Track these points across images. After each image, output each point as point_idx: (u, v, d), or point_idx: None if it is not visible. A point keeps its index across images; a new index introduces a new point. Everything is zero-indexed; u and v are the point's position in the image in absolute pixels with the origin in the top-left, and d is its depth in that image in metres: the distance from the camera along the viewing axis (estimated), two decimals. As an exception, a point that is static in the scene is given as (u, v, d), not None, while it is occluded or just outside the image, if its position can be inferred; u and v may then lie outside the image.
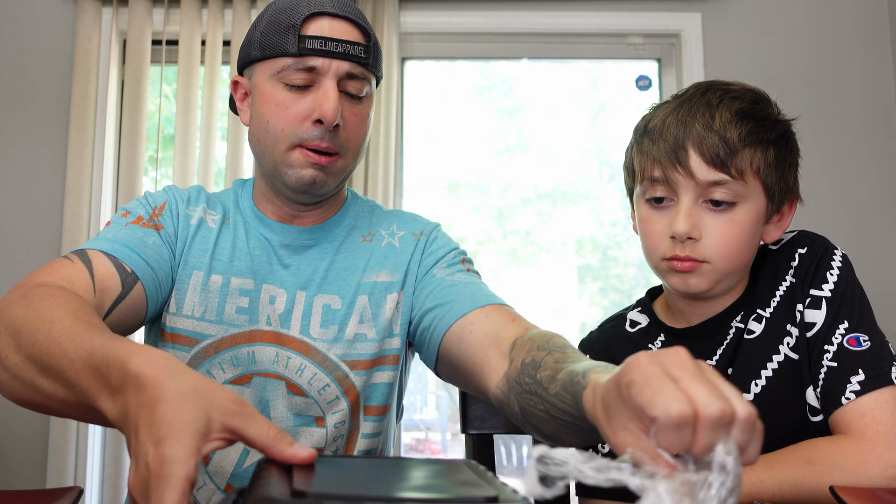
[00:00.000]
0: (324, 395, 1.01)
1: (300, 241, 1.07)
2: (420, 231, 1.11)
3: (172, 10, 2.49)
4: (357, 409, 1.03)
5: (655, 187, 0.93)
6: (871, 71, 2.52)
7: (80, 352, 0.66)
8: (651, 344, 1.02)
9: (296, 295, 1.03)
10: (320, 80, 0.97)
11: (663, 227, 0.92)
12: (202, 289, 1.02)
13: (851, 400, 0.84)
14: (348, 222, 1.11)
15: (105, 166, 2.47)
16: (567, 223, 2.83)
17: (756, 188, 0.91)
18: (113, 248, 0.94)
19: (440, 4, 2.54)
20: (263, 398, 1.01)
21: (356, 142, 1.02)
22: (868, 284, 0.98)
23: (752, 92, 0.96)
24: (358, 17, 1.00)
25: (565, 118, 2.79)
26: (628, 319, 1.06)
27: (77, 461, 2.34)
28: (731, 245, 0.90)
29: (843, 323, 0.89)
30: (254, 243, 1.06)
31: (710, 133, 0.89)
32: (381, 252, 1.08)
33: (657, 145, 0.93)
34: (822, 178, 2.47)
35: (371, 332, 1.04)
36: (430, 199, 2.78)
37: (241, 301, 1.02)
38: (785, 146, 0.95)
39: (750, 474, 0.83)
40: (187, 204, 1.07)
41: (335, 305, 1.04)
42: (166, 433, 0.53)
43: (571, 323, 2.80)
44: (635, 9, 2.54)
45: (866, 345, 0.87)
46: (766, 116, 0.94)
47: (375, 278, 1.05)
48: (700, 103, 0.92)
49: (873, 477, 0.80)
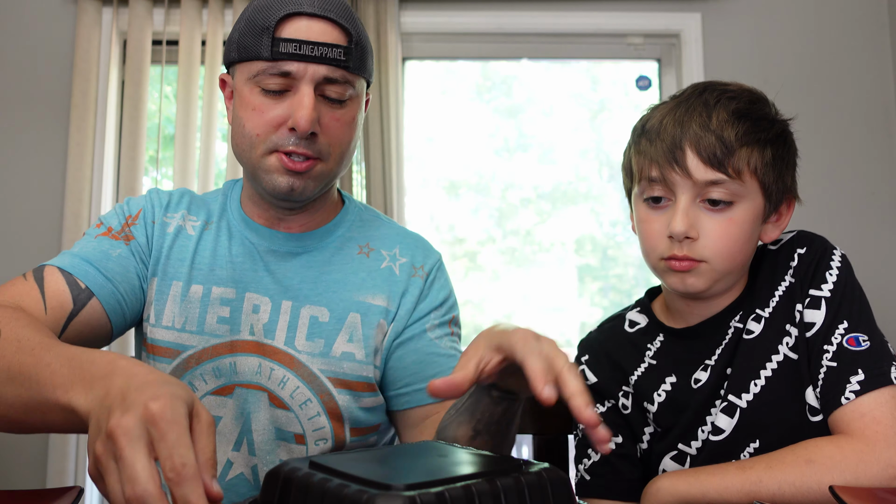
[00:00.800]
0: (305, 410, 0.98)
1: (288, 247, 1.03)
2: (421, 265, 1.06)
3: (172, 10, 2.49)
4: (341, 429, 1.00)
5: (653, 187, 0.93)
6: (871, 71, 2.52)
7: (60, 357, 0.66)
8: (650, 344, 1.01)
9: (281, 304, 1.00)
10: (297, 85, 0.92)
11: (661, 227, 0.93)
12: (182, 299, 1.00)
13: (851, 400, 0.84)
14: (342, 232, 1.07)
15: (105, 166, 2.47)
16: (567, 223, 2.83)
17: (753, 187, 0.91)
18: (72, 263, 0.94)
19: (440, 4, 2.54)
20: (245, 410, 0.99)
21: (339, 146, 0.97)
22: (868, 284, 0.98)
23: (749, 92, 0.96)
24: (338, 16, 0.94)
25: (565, 118, 2.79)
26: (627, 320, 1.06)
27: (77, 461, 2.34)
28: (729, 244, 0.90)
29: (842, 323, 0.89)
30: (238, 249, 1.03)
31: (706, 133, 0.90)
32: (381, 274, 1.04)
33: (654, 145, 0.93)
34: (822, 178, 2.47)
35: (360, 353, 1.00)
36: (430, 199, 2.78)
37: (223, 311, 0.99)
38: (782, 145, 0.94)
39: (750, 474, 0.83)
40: (166, 210, 1.05)
41: (323, 318, 1.00)
42: (163, 393, 0.55)
43: (571, 323, 2.80)
44: (635, 9, 2.54)
45: (866, 345, 0.87)
46: (763, 116, 0.94)
47: (371, 300, 1.02)
48: (697, 103, 0.93)
49: (873, 477, 0.80)
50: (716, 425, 0.91)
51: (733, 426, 0.90)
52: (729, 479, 0.84)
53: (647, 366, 1.00)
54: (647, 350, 1.01)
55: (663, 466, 0.96)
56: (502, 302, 2.85)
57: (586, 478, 1.00)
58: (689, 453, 0.94)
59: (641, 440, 1.00)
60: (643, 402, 0.99)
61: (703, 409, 0.94)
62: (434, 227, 2.79)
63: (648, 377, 0.99)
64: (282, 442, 0.99)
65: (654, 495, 0.86)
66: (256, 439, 0.99)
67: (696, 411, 0.94)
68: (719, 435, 0.91)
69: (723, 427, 0.91)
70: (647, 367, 1.00)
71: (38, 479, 2.31)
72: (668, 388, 0.97)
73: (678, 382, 0.97)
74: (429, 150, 2.77)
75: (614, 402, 1.01)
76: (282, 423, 0.99)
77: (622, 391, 1.01)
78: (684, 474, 0.87)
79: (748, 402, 0.90)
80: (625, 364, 1.01)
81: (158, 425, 0.53)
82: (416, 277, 1.04)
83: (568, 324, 2.84)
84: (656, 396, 0.97)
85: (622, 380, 1.01)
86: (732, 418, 0.91)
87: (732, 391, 0.91)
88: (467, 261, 2.85)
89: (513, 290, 2.80)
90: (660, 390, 0.97)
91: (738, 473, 0.84)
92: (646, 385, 0.99)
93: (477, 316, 2.81)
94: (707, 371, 0.95)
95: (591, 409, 0.63)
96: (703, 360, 0.96)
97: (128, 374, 0.59)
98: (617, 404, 1.01)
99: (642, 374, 1.00)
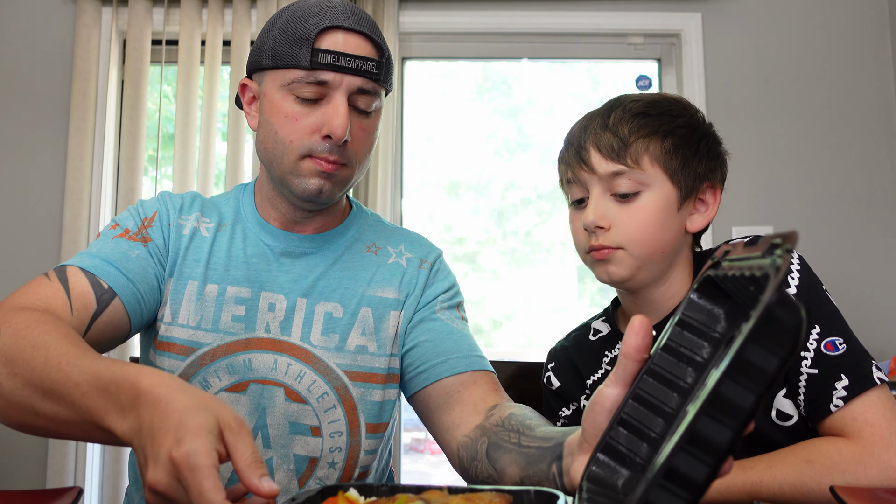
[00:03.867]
0: (322, 403, 1.02)
1: (302, 248, 1.07)
2: (425, 258, 1.13)
3: (172, 10, 2.49)
4: (356, 422, 1.03)
5: (572, 188, 1.03)
6: (871, 71, 2.52)
7: (86, 375, 0.69)
8: (608, 351, 1.07)
9: (296, 302, 1.04)
10: (331, 94, 0.97)
11: (581, 223, 1.01)
12: (198, 298, 1.03)
13: (840, 407, 0.85)
14: (352, 234, 1.12)
15: (105, 166, 2.47)
16: (567, 223, 2.83)
17: (657, 175, 0.97)
18: (93, 263, 0.96)
19: (440, 4, 2.54)
20: (260, 405, 1.01)
21: (362, 155, 1.02)
22: (868, 284, 0.98)
23: (659, 96, 1.03)
24: (373, 32, 0.99)
25: (565, 118, 2.79)
26: (592, 329, 1.12)
27: (77, 461, 2.34)
28: (640, 230, 0.97)
29: (814, 328, 0.90)
30: (252, 250, 1.06)
31: (604, 131, 0.99)
32: (389, 269, 1.09)
33: (567, 151, 1.04)
34: (823, 178, 2.47)
35: (372, 346, 1.05)
36: (430, 199, 2.78)
37: (238, 310, 1.03)
38: (686, 136, 0.99)
39: (750, 474, 0.84)
40: (180, 213, 1.08)
41: (337, 314, 1.05)
42: (184, 433, 0.58)
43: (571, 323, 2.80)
44: (635, 9, 2.54)
45: (843, 348, 0.88)
46: (663, 112, 1.00)
47: (382, 293, 1.07)
48: (602, 110, 1.02)
49: (873, 478, 0.81)
50: None
51: None
52: (730, 478, 0.84)
53: (603, 371, 1.05)
54: (605, 357, 1.07)
55: None
56: (502, 302, 2.85)
57: None
58: None
59: None
60: None
61: None
62: (434, 227, 2.79)
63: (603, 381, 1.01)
64: (297, 436, 1.02)
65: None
66: (272, 433, 1.02)
67: None
68: None
69: None
70: (603, 373, 1.05)
71: (38, 479, 2.31)
72: None
73: None
74: (429, 150, 2.77)
75: (577, 405, 1.07)
76: (298, 416, 1.02)
77: (584, 394, 1.07)
78: (684, 474, 0.88)
79: None
80: (584, 370, 1.08)
81: (183, 475, 0.57)
82: (422, 269, 1.11)
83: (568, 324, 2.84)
84: None
85: (581, 383, 1.07)
86: None
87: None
88: (467, 261, 2.85)
89: (513, 290, 2.80)
90: None
91: (738, 473, 0.84)
92: None
93: (477, 316, 2.81)
94: None
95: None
96: None
97: (153, 403, 0.63)
98: (579, 406, 1.07)
99: (598, 379, 1.06)
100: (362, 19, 1.00)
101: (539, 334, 2.84)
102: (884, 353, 2.19)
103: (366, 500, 0.62)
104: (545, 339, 2.74)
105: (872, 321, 2.30)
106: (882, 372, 0.88)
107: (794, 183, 2.47)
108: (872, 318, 2.30)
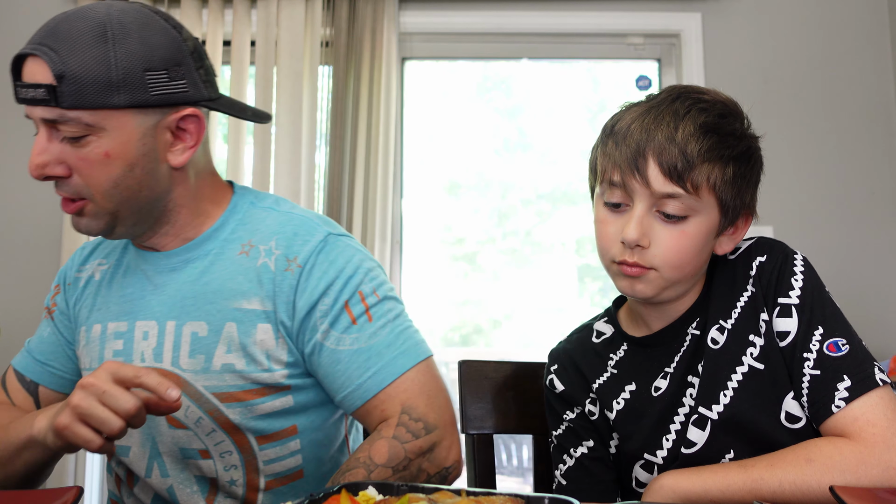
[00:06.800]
0: (201, 427, 0.99)
1: (170, 265, 1.03)
2: (295, 257, 0.99)
3: (172, 11, 2.49)
4: (243, 440, 0.99)
5: (613, 191, 0.94)
6: (871, 71, 2.52)
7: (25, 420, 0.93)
8: (613, 354, 1.03)
9: (166, 326, 1.01)
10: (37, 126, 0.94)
11: (616, 231, 0.93)
12: (87, 342, 1.06)
13: (842, 408, 0.85)
14: (225, 235, 1.03)
15: (105, 166, 2.47)
16: (567, 223, 2.83)
17: (710, 203, 0.92)
18: (22, 362, 1.11)
19: (440, 4, 2.54)
20: (150, 435, 1.01)
21: (99, 186, 0.93)
22: (868, 285, 0.98)
23: (722, 104, 0.96)
24: (41, 51, 0.89)
25: (565, 118, 2.79)
26: (594, 330, 1.07)
27: (77, 461, 2.34)
28: (679, 255, 0.91)
29: (817, 329, 0.89)
30: (130, 280, 1.05)
31: (671, 144, 0.89)
32: (256, 273, 0.99)
33: (619, 149, 0.93)
34: (823, 178, 2.47)
35: (241, 363, 0.98)
36: (430, 199, 2.78)
37: (117, 344, 1.03)
38: (746, 163, 0.94)
39: (752, 472, 0.84)
40: (80, 266, 1.11)
41: (202, 333, 0.99)
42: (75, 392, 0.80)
43: (571, 323, 2.80)
44: (635, 9, 2.54)
45: (845, 349, 0.88)
46: (731, 132, 0.93)
47: (247, 305, 0.98)
48: (667, 112, 0.92)
49: (874, 478, 0.81)
50: (688, 439, 0.92)
51: (706, 439, 0.91)
52: (731, 477, 0.84)
53: (609, 375, 1.01)
54: (610, 360, 1.03)
55: (635, 475, 0.97)
56: (502, 302, 2.85)
57: (563, 483, 1.02)
58: (656, 462, 0.94)
59: (609, 445, 1.01)
60: (605, 410, 1.00)
61: (664, 417, 0.95)
62: (434, 227, 2.79)
63: (609, 385, 1.00)
64: (189, 460, 1.01)
65: (657, 492, 0.87)
66: (167, 461, 1.01)
67: (657, 419, 0.95)
68: (692, 448, 0.91)
69: (695, 440, 0.91)
70: (609, 377, 1.01)
71: (38, 480, 2.31)
72: (627, 396, 0.98)
73: (637, 390, 0.98)
74: (429, 150, 2.77)
75: (582, 409, 1.03)
76: (185, 442, 1.00)
77: (589, 398, 1.02)
78: (687, 472, 0.87)
79: (719, 414, 0.91)
80: (588, 373, 1.03)
81: (77, 391, 0.79)
82: (287, 272, 0.98)
83: (568, 324, 2.84)
84: (615, 404, 0.99)
85: (587, 387, 1.03)
86: (704, 431, 0.91)
87: (702, 404, 0.92)
88: (467, 261, 2.85)
89: (513, 290, 2.81)
90: (619, 398, 0.99)
91: (740, 472, 0.84)
92: (607, 393, 1.00)
93: (477, 316, 2.81)
94: (667, 379, 0.96)
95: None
96: (663, 368, 0.97)
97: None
98: (584, 410, 1.03)
99: (604, 382, 1.01)
100: (42, 35, 0.91)
101: (539, 334, 2.84)
102: (884, 353, 2.19)
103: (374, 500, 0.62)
104: (545, 339, 2.74)
105: (872, 321, 2.29)
106: (884, 373, 0.88)
107: (794, 183, 2.47)
108: (872, 318, 2.29)
